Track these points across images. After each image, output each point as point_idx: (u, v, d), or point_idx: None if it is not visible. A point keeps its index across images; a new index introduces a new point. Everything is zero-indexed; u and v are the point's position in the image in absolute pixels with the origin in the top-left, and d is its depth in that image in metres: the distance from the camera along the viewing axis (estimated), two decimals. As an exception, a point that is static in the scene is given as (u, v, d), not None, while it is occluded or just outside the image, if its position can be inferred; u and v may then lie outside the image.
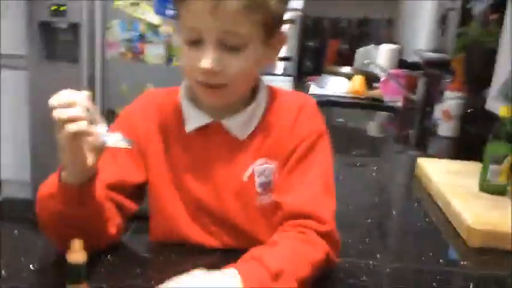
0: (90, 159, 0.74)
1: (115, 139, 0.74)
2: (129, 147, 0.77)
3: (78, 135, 0.70)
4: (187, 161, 0.88)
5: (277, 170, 0.87)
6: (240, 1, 0.74)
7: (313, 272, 0.74)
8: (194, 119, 0.88)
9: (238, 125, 0.87)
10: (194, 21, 0.77)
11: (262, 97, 0.89)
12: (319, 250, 0.77)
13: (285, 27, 0.87)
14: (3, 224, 1.01)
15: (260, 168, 0.87)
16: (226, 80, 0.79)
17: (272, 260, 0.70)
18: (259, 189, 0.87)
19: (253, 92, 0.89)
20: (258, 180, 0.87)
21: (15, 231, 0.95)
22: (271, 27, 0.81)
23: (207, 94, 0.83)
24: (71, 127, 0.68)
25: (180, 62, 0.84)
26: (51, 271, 0.83)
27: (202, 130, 0.88)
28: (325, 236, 0.78)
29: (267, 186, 0.87)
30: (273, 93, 0.91)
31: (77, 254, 0.67)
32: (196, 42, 0.78)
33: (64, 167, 0.74)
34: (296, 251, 0.74)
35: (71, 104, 0.69)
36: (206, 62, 0.77)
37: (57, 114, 0.69)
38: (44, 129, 2.92)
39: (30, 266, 0.82)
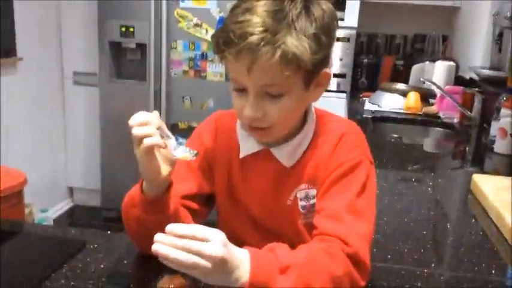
0: (164, 170, 0.85)
1: (182, 151, 0.85)
2: (193, 158, 0.86)
3: (152, 148, 0.82)
4: (242, 181, 0.99)
5: (317, 194, 0.94)
6: (273, 59, 0.79)
7: (330, 284, 0.76)
8: (247, 146, 0.97)
9: (285, 154, 0.94)
10: (236, 76, 0.85)
11: (309, 128, 0.95)
12: (339, 264, 0.78)
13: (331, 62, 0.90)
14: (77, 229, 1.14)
15: (302, 193, 0.95)
16: (269, 123, 0.87)
17: (285, 255, 0.77)
18: (302, 211, 0.95)
19: (303, 121, 0.95)
20: (300, 203, 0.95)
21: (108, 232, 1.08)
22: (309, 74, 0.85)
23: (254, 134, 0.92)
24: (147, 141, 0.80)
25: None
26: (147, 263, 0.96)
27: (254, 155, 0.97)
28: (349, 257, 0.80)
29: (310, 208, 0.95)
30: (319, 121, 0.96)
31: None
32: (241, 90, 0.86)
33: (144, 178, 0.87)
34: (313, 257, 0.78)
35: (146, 122, 0.81)
36: (248, 110, 0.85)
37: (135, 131, 0.80)
38: (113, 141, 3.14)
39: (124, 261, 0.96)
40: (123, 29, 3.03)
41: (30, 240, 1.02)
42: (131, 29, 3.02)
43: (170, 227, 0.71)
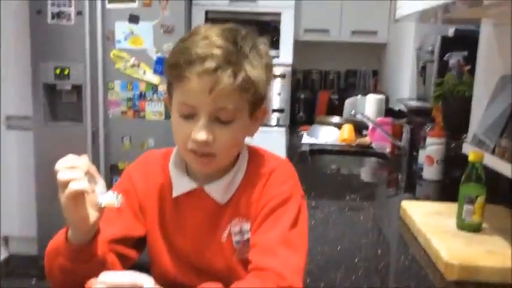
0: (92, 217, 0.83)
1: (109, 197, 0.84)
2: (118, 206, 0.85)
3: (79, 194, 0.79)
4: (176, 221, 0.98)
5: (251, 229, 0.95)
6: (235, 82, 0.83)
7: None
8: (180, 185, 0.97)
9: (219, 190, 0.95)
10: (190, 99, 0.86)
11: (242, 163, 0.98)
12: None
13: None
14: (13, 280, 1.09)
15: (236, 227, 0.96)
16: (215, 150, 0.89)
17: None
18: (237, 246, 0.96)
19: (236, 156, 0.97)
20: (234, 238, 0.96)
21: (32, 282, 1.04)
22: (257, 103, 0.91)
23: (197, 162, 0.92)
24: (72, 186, 0.78)
25: (173, 132, 0.93)
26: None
27: (187, 194, 0.97)
28: None
29: (245, 243, 0.95)
30: (252, 156, 0.99)
31: None
32: (188, 117, 0.87)
33: (69, 226, 0.84)
34: None
35: (73, 167, 0.79)
36: (200, 134, 0.86)
37: (61, 175, 0.78)
38: (49, 187, 3.02)
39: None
40: (58, 71, 2.98)
41: None
42: (66, 71, 2.97)
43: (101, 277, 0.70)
